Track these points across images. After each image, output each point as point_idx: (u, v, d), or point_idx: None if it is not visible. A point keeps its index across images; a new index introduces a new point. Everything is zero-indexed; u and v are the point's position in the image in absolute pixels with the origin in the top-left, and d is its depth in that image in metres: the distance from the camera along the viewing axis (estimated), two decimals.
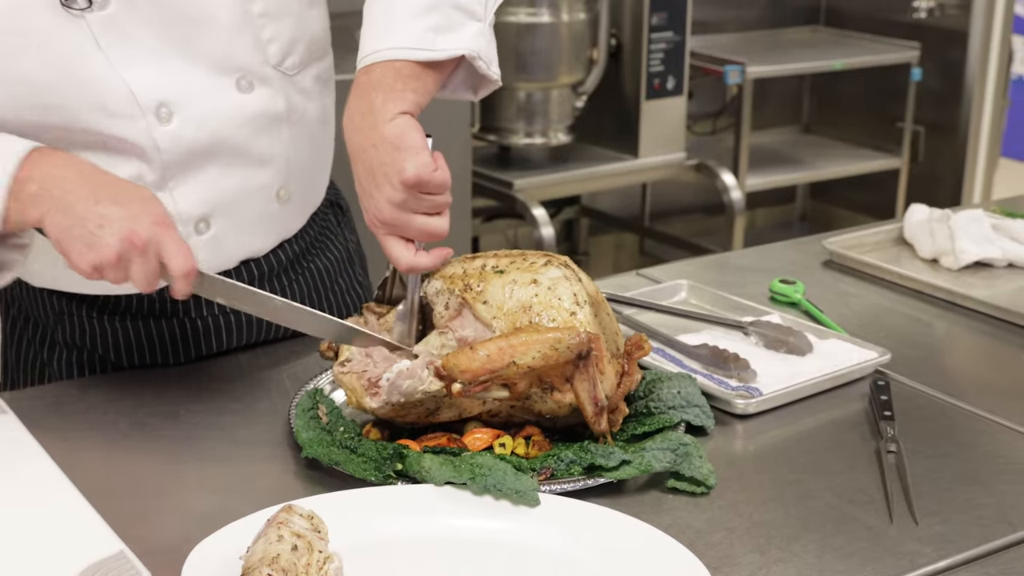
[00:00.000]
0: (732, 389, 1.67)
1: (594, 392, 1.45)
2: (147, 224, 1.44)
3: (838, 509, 1.42)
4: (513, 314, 1.48)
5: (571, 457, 1.46)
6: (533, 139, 4.79)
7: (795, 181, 5.70)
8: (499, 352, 1.42)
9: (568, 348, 1.42)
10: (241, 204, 1.73)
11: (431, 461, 1.42)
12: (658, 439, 1.48)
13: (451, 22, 1.57)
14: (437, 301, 1.56)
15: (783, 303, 2.03)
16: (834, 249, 2.25)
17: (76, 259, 1.44)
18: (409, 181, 1.47)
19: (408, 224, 1.51)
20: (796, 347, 1.79)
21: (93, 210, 1.44)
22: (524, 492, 1.37)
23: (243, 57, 1.67)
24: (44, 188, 1.45)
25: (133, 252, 1.44)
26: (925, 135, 5.70)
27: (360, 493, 1.38)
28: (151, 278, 1.46)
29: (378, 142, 1.49)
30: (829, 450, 1.56)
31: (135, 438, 1.57)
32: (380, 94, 1.51)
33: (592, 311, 1.49)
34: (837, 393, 1.72)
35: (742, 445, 1.59)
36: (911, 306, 2.07)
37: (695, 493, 1.43)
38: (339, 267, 1.96)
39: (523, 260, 1.53)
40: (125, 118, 1.59)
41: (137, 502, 1.42)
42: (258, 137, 1.70)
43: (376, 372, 1.51)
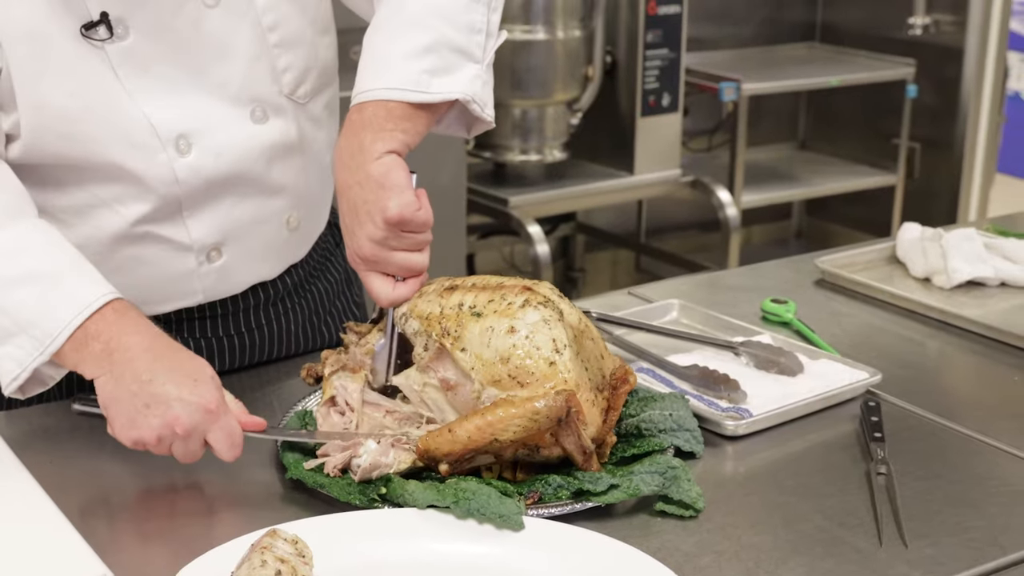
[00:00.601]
0: (722, 410, 1.66)
1: (580, 442, 1.44)
2: (193, 411, 1.43)
3: (827, 532, 1.41)
4: (492, 365, 1.46)
5: (559, 481, 1.45)
6: (528, 156, 4.79)
7: (791, 198, 5.69)
8: (478, 431, 1.41)
9: (547, 418, 1.41)
10: (253, 232, 1.74)
11: (415, 485, 1.41)
12: (646, 462, 1.47)
13: (448, 64, 1.57)
14: (416, 341, 1.54)
15: (775, 322, 2.03)
16: (826, 268, 2.24)
17: (118, 430, 1.45)
18: (392, 219, 1.48)
19: (388, 260, 1.52)
20: (787, 367, 1.78)
21: (145, 388, 1.43)
22: (508, 516, 1.36)
23: (259, 87, 1.67)
24: (107, 351, 1.46)
25: (174, 438, 1.44)
26: (921, 152, 5.70)
27: (345, 517, 1.37)
28: (192, 457, 1.46)
29: (363, 180, 1.50)
30: (819, 472, 1.55)
31: (120, 461, 1.55)
32: (369, 133, 1.51)
33: (573, 351, 1.47)
34: (827, 414, 1.71)
35: (731, 467, 1.58)
36: (903, 325, 2.06)
37: (684, 516, 1.42)
38: (337, 289, 1.98)
39: (501, 300, 1.49)
40: (146, 150, 1.60)
41: (121, 525, 1.41)
42: (272, 167, 1.71)
43: (338, 459, 1.46)
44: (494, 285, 1.53)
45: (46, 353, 1.47)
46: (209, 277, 1.73)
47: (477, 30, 1.62)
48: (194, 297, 1.75)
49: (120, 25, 1.56)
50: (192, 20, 1.60)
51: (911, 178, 5.67)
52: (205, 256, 1.71)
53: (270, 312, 1.86)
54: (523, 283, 1.53)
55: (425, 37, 1.57)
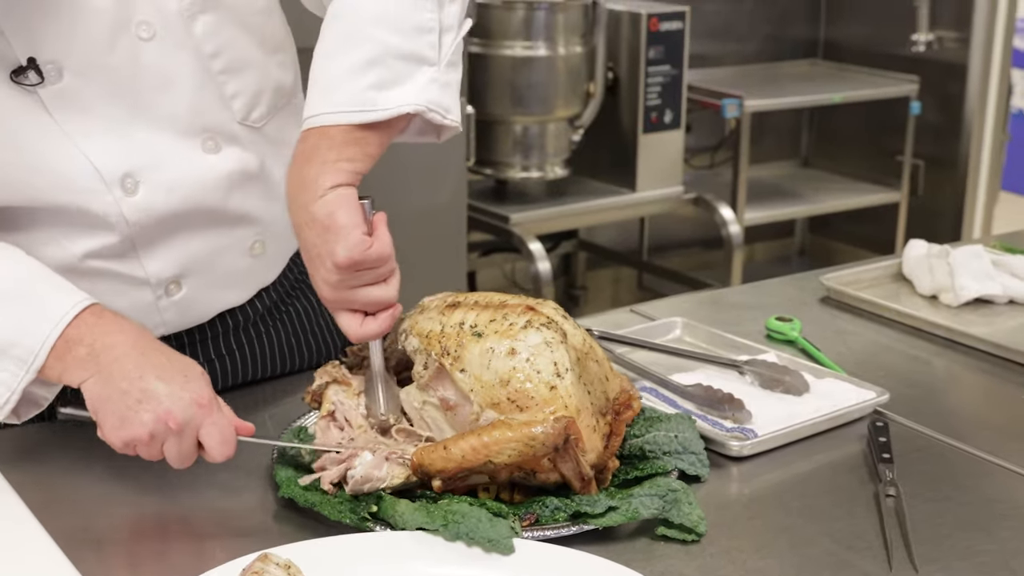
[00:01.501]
0: (727, 430, 1.63)
1: (578, 469, 1.41)
2: (185, 405, 1.41)
3: (835, 556, 1.37)
4: (491, 388, 1.43)
5: (556, 503, 1.42)
6: (530, 173, 4.76)
7: (794, 215, 5.67)
8: (473, 452, 1.38)
9: (543, 444, 1.37)
10: (214, 262, 1.67)
11: (406, 506, 1.38)
12: (647, 485, 1.44)
13: (396, 75, 1.46)
14: (416, 359, 1.51)
15: (779, 341, 1.99)
16: (831, 285, 2.21)
17: (108, 432, 1.42)
18: (341, 264, 1.40)
19: (352, 299, 1.44)
20: (792, 387, 1.75)
21: (135, 384, 1.41)
22: (497, 541, 1.33)
23: (207, 117, 1.61)
24: (92, 354, 1.43)
25: (168, 434, 1.41)
26: (924, 169, 5.68)
27: (340, 541, 1.33)
28: (185, 458, 1.43)
29: (309, 222, 1.41)
30: (826, 494, 1.52)
31: (110, 482, 1.52)
32: (313, 167, 1.42)
33: (576, 374, 1.44)
34: (834, 434, 1.68)
35: (736, 489, 1.54)
36: (910, 344, 2.03)
37: (685, 541, 1.39)
38: (318, 309, 1.90)
39: (503, 320, 1.46)
40: (90, 193, 1.54)
41: (111, 548, 1.38)
42: (230, 196, 1.65)
43: (333, 473, 1.45)
44: (496, 303, 1.50)
45: (31, 371, 1.44)
46: (170, 310, 1.67)
47: (427, 29, 1.49)
48: (156, 330, 1.67)
49: (51, 67, 1.49)
50: (128, 55, 1.53)
51: (915, 195, 5.65)
52: (163, 290, 1.64)
53: (241, 338, 1.79)
54: (526, 302, 1.50)
55: (367, 49, 1.45)
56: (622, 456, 1.53)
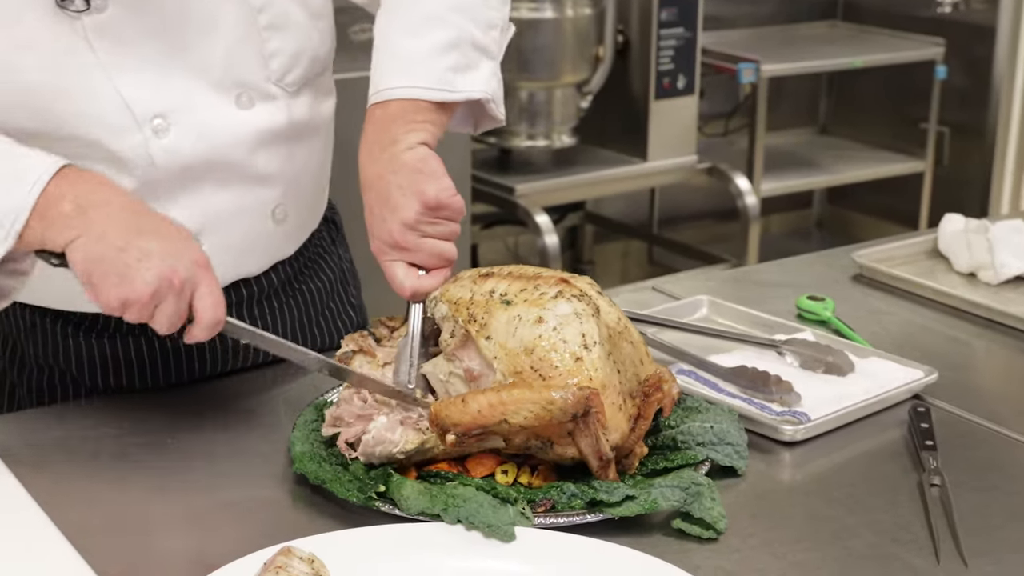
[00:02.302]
0: (775, 414, 1.64)
1: (597, 447, 1.42)
2: (188, 263, 1.43)
3: (879, 549, 1.38)
4: (515, 355, 1.44)
5: (573, 490, 1.43)
6: (535, 141, 4.76)
7: (812, 186, 5.67)
8: (490, 408, 1.40)
9: (562, 410, 1.39)
10: (234, 223, 1.70)
11: (411, 488, 1.40)
12: (671, 476, 1.45)
13: (469, 61, 1.64)
14: (444, 327, 1.54)
15: (811, 321, 2.00)
16: (864, 263, 2.21)
17: (105, 292, 1.41)
18: (430, 202, 1.53)
19: (419, 246, 1.55)
20: (836, 367, 1.76)
21: (134, 242, 1.41)
22: (497, 527, 1.35)
23: (244, 72, 1.65)
24: (80, 209, 1.42)
25: (169, 292, 1.41)
26: (950, 137, 5.67)
27: (365, 533, 1.34)
28: (176, 320, 1.44)
29: (397, 168, 1.55)
30: (867, 483, 1.53)
31: (117, 470, 1.53)
32: (400, 125, 1.57)
33: (604, 350, 1.45)
34: (874, 420, 1.69)
35: (778, 477, 1.55)
36: (948, 324, 2.04)
37: (702, 537, 1.39)
38: (332, 288, 1.95)
39: (534, 289, 1.49)
40: (119, 130, 1.57)
41: (121, 541, 1.38)
42: (256, 154, 1.69)
43: (351, 432, 1.49)
44: (531, 275, 1.52)
45: (11, 235, 1.41)
46: None
47: (494, 25, 1.69)
48: None
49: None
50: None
51: (940, 165, 5.65)
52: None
53: (254, 311, 1.82)
54: (561, 275, 1.52)
55: (448, 33, 1.62)
56: (653, 447, 1.54)
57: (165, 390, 1.77)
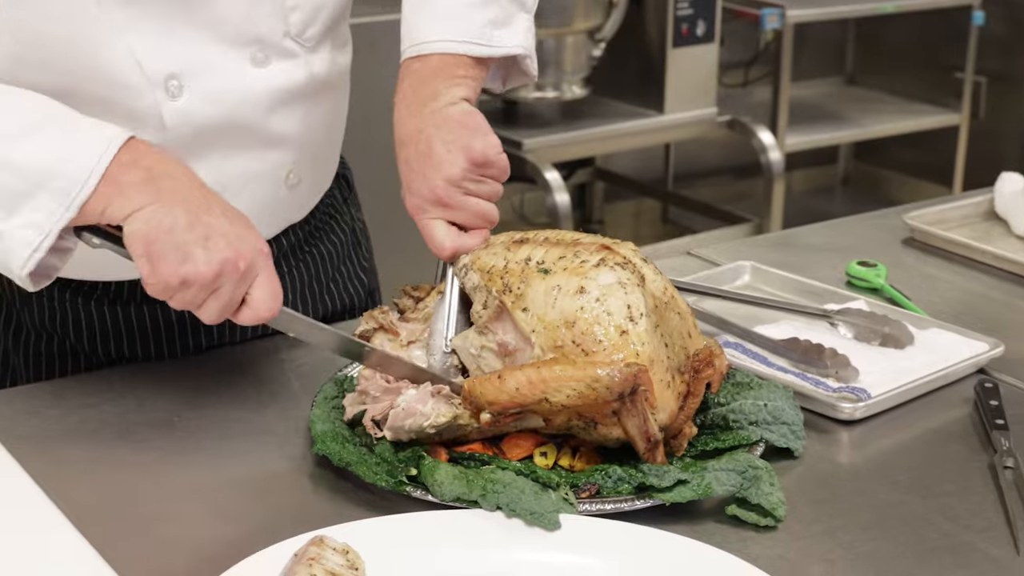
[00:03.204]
0: (832, 391, 1.62)
1: (645, 427, 1.40)
2: (252, 248, 1.42)
3: (953, 537, 1.36)
4: (554, 329, 1.42)
5: (620, 474, 1.41)
6: (544, 93, 4.73)
7: (838, 140, 5.66)
8: (529, 386, 1.38)
9: (608, 389, 1.36)
10: (244, 190, 1.69)
11: (445, 473, 1.39)
12: (725, 458, 1.43)
13: (507, 15, 1.66)
14: (475, 297, 1.52)
15: (862, 288, 1.98)
16: (916, 225, 2.19)
17: (164, 268, 1.39)
18: (477, 158, 1.54)
19: (463, 204, 1.56)
20: (893, 338, 1.74)
21: (203, 218, 1.40)
22: (540, 514, 1.33)
23: (261, 27, 1.63)
24: (150, 177, 1.41)
25: (231, 276, 1.40)
26: (987, 87, 5.66)
27: (398, 521, 1.33)
28: (228, 310, 1.43)
29: (441, 122, 1.56)
30: (935, 465, 1.51)
31: (123, 450, 1.52)
32: (442, 80, 1.60)
33: (651, 323, 1.43)
34: (936, 396, 1.67)
35: (838, 458, 1.54)
36: (1009, 291, 2.02)
37: (759, 525, 1.38)
38: (343, 252, 1.94)
39: (574, 257, 1.47)
40: (131, 90, 1.56)
41: (132, 529, 1.37)
42: (272, 116, 1.68)
43: (378, 408, 1.48)
44: (569, 241, 1.50)
45: (75, 204, 1.40)
46: None
47: None
48: None
49: None
50: None
51: (976, 117, 5.63)
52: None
53: None
54: (602, 241, 1.50)
55: None
56: (703, 426, 1.52)
57: (169, 362, 1.76)
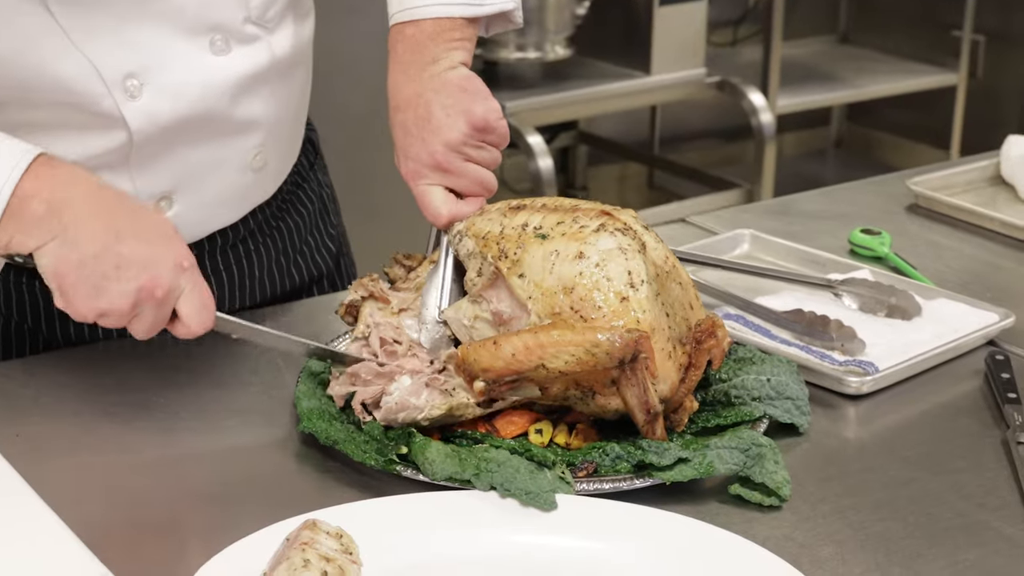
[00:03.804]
0: (838, 364, 1.63)
1: (645, 397, 1.40)
2: (169, 270, 1.42)
3: (967, 516, 1.37)
4: (552, 295, 1.43)
5: (618, 451, 1.42)
6: (526, 53, 4.72)
7: (831, 101, 5.66)
8: (526, 351, 1.38)
9: (608, 354, 1.37)
10: (210, 177, 1.70)
11: (436, 451, 1.39)
12: (728, 435, 1.43)
13: None
14: (469, 265, 1.52)
15: (866, 257, 1.99)
16: (921, 191, 2.20)
17: (78, 303, 1.40)
18: (478, 123, 1.57)
19: (462, 170, 1.58)
20: (900, 309, 1.75)
21: (112, 247, 1.40)
22: (536, 494, 1.34)
23: (220, 13, 1.64)
24: (53, 211, 1.40)
25: (149, 303, 1.41)
26: (986, 45, 5.65)
27: (389, 503, 1.33)
28: (157, 328, 1.44)
29: (440, 87, 1.59)
30: (945, 441, 1.52)
31: (102, 433, 1.52)
32: (439, 43, 1.63)
33: (653, 290, 1.44)
34: (945, 369, 1.68)
35: (845, 434, 1.55)
36: (1017, 259, 2.04)
37: (763, 505, 1.38)
38: (311, 222, 1.95)
39: (573, 222, 1.48)
40: (89, 95, 1.56)
41: (115, 515, 1.37)
42: (237, 103, 1.68)
43: (368, 392, 1.48)
44: (568, 207, 1.51)
45: None
46: None
47: None
48: None
49: None
50: None
51: (974, 77, 5.63)
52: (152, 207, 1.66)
53: (228, 256, 1.82)
54: (601, 207, 1.51)
55: None
56: (703, 402, 1.53)
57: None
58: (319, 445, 1.46)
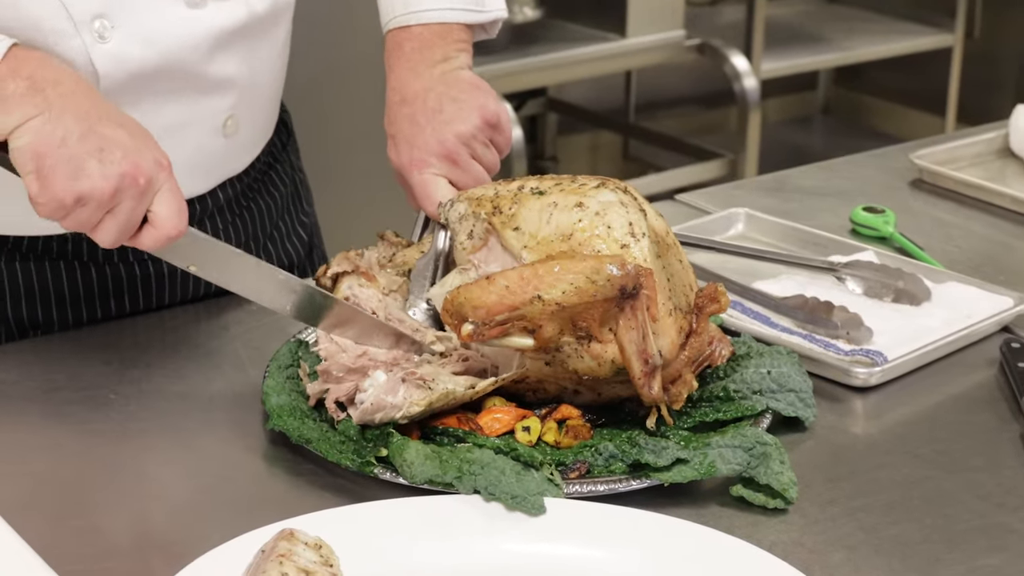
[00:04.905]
0: (844, 354, 1.63)
1: (644, 345, 1.40)
2: (151, 162, 1.43)
3: (985, 517, 1.38)
4: (549, 243, 1.45)
5: (612, 450, 1.42)
6: None
7: (819, 65, 5.65)
8: (521, 282, 1.39)
9: (609, 281, 1.37)
10: (180, 138, 1.70)
11: (415, 452, 1.39)
12: (730, 433, 1.43)
13: None
14: (460, 229, 1.54)
15: (868, 237, 1.99)
16: (924, 165, 2.20)
17: (56, 185, 1.40)
18: (490, 118, 1.67)
19: (468, 165, 1.66)
20: (908, 294, 1.76)
21: (96, 128, 1.42)
22: (523, 498, 1.34)
23: None
24: (35, 87, 1.42)
25: (130, 192, 1.41)
26: (983, 4, 5.67)
27: (375, 509, 1.33)
28: (127, 230, 1.43)
29: (452, 83, 1.70)
30: (959, 436, 1.53)
31: (53, 433, 1.51)
32: (449, 44, 1.74)
33: (654, 250, 1.45)
34: (957, 359, 1.68)
35: (853, 430, 1.55)
36: None
37: (767, 508, 1.38)
38: (283, 205, 1.97)
39: (571, 182, 1.51)
40: (56, 33, 1.57)
41: (72, 524, 1.36)
42: (211, 59, 1.70)
43: (342, 390, 1.48)
44: (565, 177, 1.54)
45: None
46: None
47: None
48: None
49: None
50: None
51: (970, 38, 5.64)
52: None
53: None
54: (601, 177, 1.53)
55: None
56: (701, 398, 1.53)
57: (95, 329, 1.75)
58: (290, 445, 1.45)
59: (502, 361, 1.50)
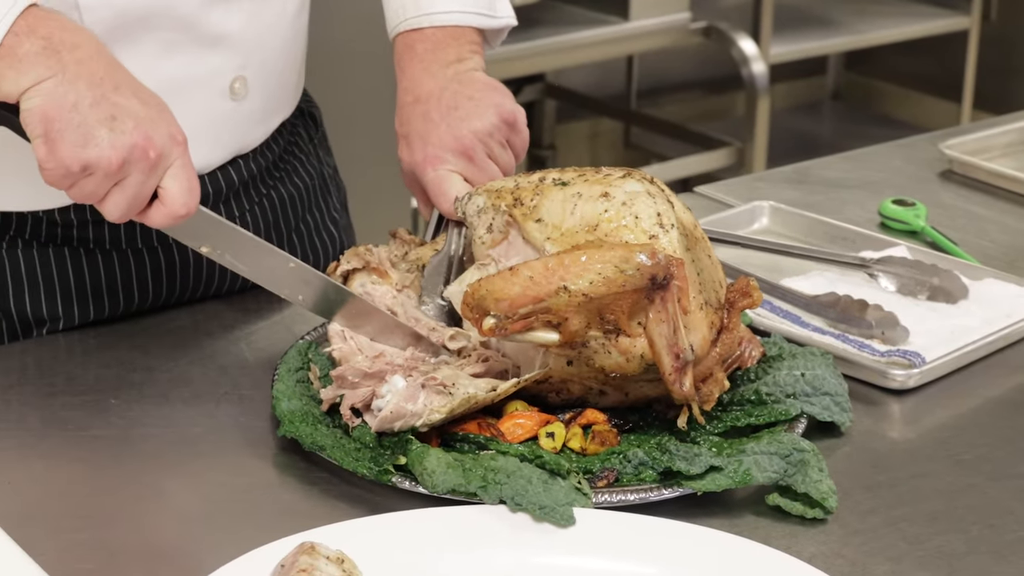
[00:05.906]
0: (879, 355, 1.62)
1: (674, 339, 1.39)
2: (165, 134, 1.44)
3: None
4: (573, 235, 1.45)
5: (641, 457, 1.41)
6: None
7: (829, 49, 5.65)
8: (546, 272, 1.39)
9: (638, 270, 1.37)
10: (183, 97, 1.67)
11: (436, 460, 1.38)
12: (765, 439, 1.43)
13: None
14: (479, 223, 1.54)
15: (898, 231, 1.99)
16: (955, 156, 2.20)
17: (64, 151, 1.40)
18: (508, 116, 1.70)
19: (483, 164, 1.68)
20: (944, 291, 1.76)
21: (109, 96, 1.43)
22: (551, 508, 1.34)
23: None
24: (51, 48, 1.43)
25: (139, 165, 1.42)
26: None
27: (397, 520, 1.33)
28: (136, 204, 1.45)
29: (468, 82, 1.73)
30: (1003, 442, 1.53)
31: (54, 440, 1.51)
32: (464, 46, 1.77)
33: (683, 242, 1.45)
34: (997, 360, 1.68)
35: (882, 436, 1.55)
36: None
37: (805, 517, 1.38)
38: (310, 198, 1.95)
39: (595, 173, 1.52)
40: None
41: (75, 537, 1.35)
42: (210, 9, 1.68)
43: (357, 396, 1.47)
44: (588, 169, 1.55)
45: None
46: None
47: None
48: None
49: None
50: None
51: (987, 21, 5.65)
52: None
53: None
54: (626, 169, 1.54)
55: None
56: (732, 402, 1.53)
57: (94, 329, 1.74)
58: (302, 452, 1.45)
59: (524, 361, 1.50)
